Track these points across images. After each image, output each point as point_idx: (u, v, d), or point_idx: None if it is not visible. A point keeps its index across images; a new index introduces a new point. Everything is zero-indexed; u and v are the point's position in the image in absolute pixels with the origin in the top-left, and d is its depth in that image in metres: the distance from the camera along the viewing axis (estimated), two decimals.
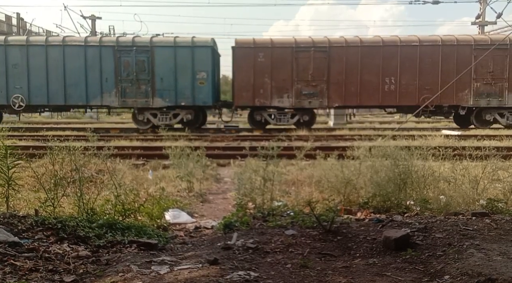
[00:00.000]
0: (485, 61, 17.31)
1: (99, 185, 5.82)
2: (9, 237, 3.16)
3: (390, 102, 18.00)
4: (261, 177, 5.38)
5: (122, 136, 14.83)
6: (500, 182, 5.45)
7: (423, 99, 17.14)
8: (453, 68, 17.30)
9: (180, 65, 17.53)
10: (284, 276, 2.72)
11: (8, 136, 10.02)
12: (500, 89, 17.59)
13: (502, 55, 17.41)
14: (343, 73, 17.52)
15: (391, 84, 17.55)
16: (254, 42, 17.85)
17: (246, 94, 17.66)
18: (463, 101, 17.68)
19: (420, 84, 17.47)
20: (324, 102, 17.79)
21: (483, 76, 17.54)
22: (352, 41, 17.76)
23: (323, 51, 17.52)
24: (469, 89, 17.56)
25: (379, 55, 17.43)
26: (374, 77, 17.47)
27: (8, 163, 3.98)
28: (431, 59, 17.42)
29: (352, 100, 17.86)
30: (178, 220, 5.00)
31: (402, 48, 17.47)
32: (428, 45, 17.53)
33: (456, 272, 2.63)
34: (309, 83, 17.62)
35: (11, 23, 30.89)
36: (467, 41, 17.59)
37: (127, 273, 2.70)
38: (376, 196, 5.10)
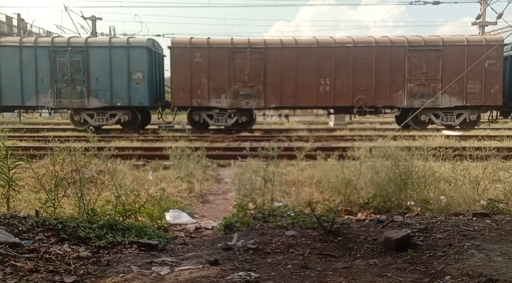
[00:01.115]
0: (418, 62, 17.54)
1: (100, 186, 5.82)
2: (9, 237, 3.16)
3: (326, 103, 18.13)
4: (262, 178, 5.38)
5: (122, 137, 14.85)
6: (501, 183, 5.45)
7: (357, 100, 17.47)
8: (387, 69, 17.49)
9: (115, 66, 17.55)
10: (284, 277, 2.71)
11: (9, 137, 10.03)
12: (434, 90, 17.67)
13: (436, 56, 17.52)
14: (279, 74, 17.59)
15: (326, 85, 17.64)
16: (190, 42, 17.86)
17: (184, 94, 17.68)
18: (397, 102, 17.80)
19: (355, 85, 17.58)
20: (261, 103, 17.83)
21: (417, 77, 17.65)
22: (288, 42, 17.86)
23: (259, 52, 17.59)
24: (403, 90, 17.68)
25: (314, 57, 17.51)
26: (309, 78, 17.56)
27: (8, 164, 3.99)
28: (365, 61, 17.52)
29: (289, 101, 17.93)
30: (178, 220, 5.00)
31: (336, 49, 17.56)
32: (363, 47, 17.62)
33: (456, 272, 2.63)
34: (246, 84, 17.69)
35: (12, 24, 30.92)
36: (400, 42, 17.68)
37: (127, 273, 2.69)
38: (376, 197, 5.10)
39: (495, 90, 17.53)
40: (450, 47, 17.55)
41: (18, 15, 30.40)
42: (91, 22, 29.34)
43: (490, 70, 17.49)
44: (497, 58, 17.53)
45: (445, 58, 17.46)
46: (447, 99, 17.67)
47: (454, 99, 17.68)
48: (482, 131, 16.86)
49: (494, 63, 17.51)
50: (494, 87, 17.51)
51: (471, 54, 17.29)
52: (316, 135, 15.11)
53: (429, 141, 9.67)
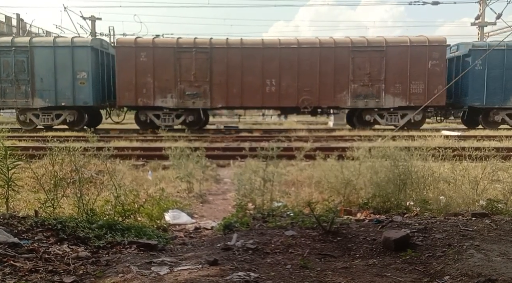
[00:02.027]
0: (362, 63, 17.65)
1: (99, 186, 5.81)
2: (9, 237, 3.15)
3: (272, 104, 18.23)
4: (261, 178, 5.38)
5: (122, 137, 14.84)
6: (500, 183, 5.45)
7: (302, 101, 17.60)
8: (332, 70, 17.60)
9: (60, 66, 17.62)
10: (284, 277, 2.71)
11: (8, 137, 10.02)
12: (378, 90, 17.78)
13: (379, 57, 17.62)
14: (225, 74, 17.67)
15: (272, 86, 17.75)
16: (135, 42, 17.95)
17: (129, 94, 17.70)
18: (341, 103, 17.93)
19: (300, 85, 17.68)
20: (208, 102, 17.89)
21: (361, 78, 17.75)
22: (233, 42, 17.95)
23: (204, 52, 17.66)
24: (347, 90, 17.78)
25: (259, 57, 17.60)
26: (255, 79, 17.65)
27: (8, 164, 3.98)
28: (310, 61, 17.63)
29: (235, 101, 18.01)
30: (178, 220, 5.00)
31: (282, 50, 17.66)
32: (307, 48, 17.71)
33: (456, 272, 2.63)
34: (192, 83, 17.75)
35: (11, 24, 30.90)
36: (344, 43, 17.78)
37: (127, 274, 2.69)
38: (376, 197, 5.10)
39: (439, 90, 17.61)
40: (393, 48, 17.68)
41: (17, 15, 30.45)
42: (91, 22, 29.36)
43: (433, 71, 17.61)
44: (440, 58, 17.66)
45: (388, 59, 17.60)
46: (391, 99, 17.80)
47: (398, 100, 17.80)
48: (482, 132, 16.88)
49: (437, 64, 17.62)
50: (437, 88, 17.62)
51: (414, 54, 17.51)
52: (315, 136, 15.11)
53: (428, 141, 9.68)
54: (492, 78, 17.80)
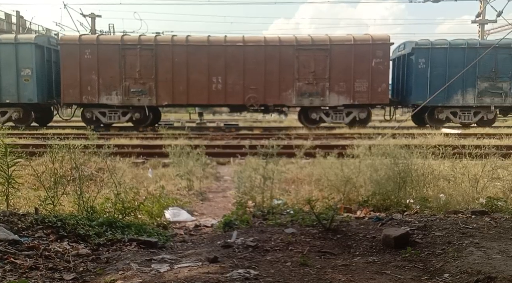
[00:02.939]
0: (307, 62, 17.64)
1: (99, 183, 5.82)
2: (9, 235, 3.16)
3: (218, 101, 18.20)
4: (261, 175, 5.38)
5: (122, 135, 14.83)
6: (500, 181, 5.45)
7: (248, 98, 17.61)
8: (277, 68, 17.60)
9: (4, 63, 17.59)
10: (284, 274, 2.72)
11: (8, 135, 10.02)
12: (322, 89, 17.78)
13: (323, 56, 17.61)
14: (171, 71, 17.63)
15: (218, 84, 17.72)
16: (80, 39, 17.91)
17: (73, 91, 17.65)
18: (287, 101, 17.92)
19: (246, 83, 17.68)
20: (153, 100, 17.84)
21: (306, 76, 17.73)
22: (179, 40, 17.92)
23: (149, 49, 17.60)
24: (292, 89, 17.77)
25: (205, 55, 17.57)
26: (201, 76, 17.62)
27: (8, 161, 3.98)
28: (256, 59, 17.61)
29: (181, 99, 17.98)
30: (178, 218, 5.01)
31: (227, 48, 17.64)
32: (253, 46, 17.71)
33: (455, 270, 2.64)
34: (137, 81, 17.69)
35: (11, 21, 30.84)
36: (289, 42, 17.77)
37: (127, 271, 2.70)
38: (375, 195, 5.10)
39: (382, 88, 17.72)
40: (337, 47, 17.67)
41: (17, 12, 30.35)
42: (91, 20, 29.30)
43: (377, 69, 17.61)
44: (383, 57, 17.67)
45: (332, 57, 17.59)
46: (335, 98, 17.80)
47: (342, 98, 17.80)
48: (482, 130, 16.87)
49: (381, 62, 17.63)
50: (381, 86, 17.70)
51: (358, 53, 17.53)
52: (315, 133, 15.11)
53: (428, 139, 9.69)
54: (435, 76, 17.86)
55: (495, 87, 17.94)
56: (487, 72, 17.78)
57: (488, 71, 17.79)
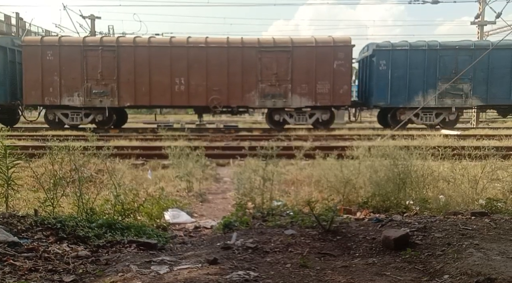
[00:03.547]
0: (269, 63, 17.77)
1: (99, 185, 5.82)
2: (8, 237, 3.15)
3: (181, 103, 18.32)
4: (261, 177, 5.38)
5: (121, 136, 14.83)
6: (500, 182, 5.46)
7: (211, 100, 17.70)
8: (240, 70, 17.71)
9: None
10: (283, 276, 2.72)
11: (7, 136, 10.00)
12: (285, 90, 17.87)
13: (286, 57, 17.73)
14: (133, 72, 17.71)
15: (181, 85, 17.80)
16: (41, 40, 17.99)
17: (36, 93, 17.70)
18: (250, 102, 18.02)
19: (209, 85, 17.78)
20: (115, 101, 17.92)
21: (268, 78, 17.82)
22: (141, 41, 18.03)
23: (111, 50, 17.68)
24: (255, 90, 17.86)
25: (168, 56, 17.65)
26: (164, 78, 17.70)
27: (7, 163, 3.98)
28: (219, 61, 17.71)
29: (144, 100, 18.05)
30: (177, 219, 5.00)
31: (190, 49, 17.72)
32: (215, 47, 17.80)
33: (455, 271, 2.63)
34: (99, 82, 17.77)
35: (10, 23, 30.85)
36: (252, 43, 17.89)
37: (126, 273, 2.69)
38: (375, 196, 5.10)
39: (344, 90, 17.82)
40: (299, 48, 17.78)
41: (17, 14, 30.36)
42: (90, 21, 29.33)
43: (339, 71, 17.73)
44: (345, 59, 17.79)
45: (295, 59, 17.70)
46: (298, 99, 17.89)
47: (304, 100, 17.90)
48: (481, 131, 16.89)
49: (343, 64, 17.75)
50: (343, 88, 17.80)
51: (320, 55, 17.65)
52: (315, 135, 15.12)
53: (428, 140, 9.69)
54: (396, 78, 17.98)
55: (456, 89, 18.06)
56: (448, 74, 17.86)
57: (449, 72, 17.87)
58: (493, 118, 27.35)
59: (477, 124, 21.73)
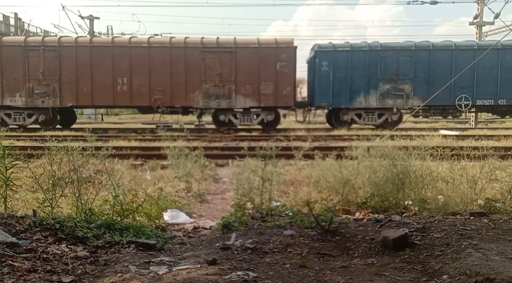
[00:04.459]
0: (213, 64, 17.82)
1: (98, 185, 5.81)
2: (7, 237, 3.15)
3: (124, 103, 18.37)
4: (260, 177, 5.38)
5: (120, 137, 14.82)
6: (498, 182, 5.47)
7: (154, 100, 17.72)
8: (183, 70, 17.75)
9: None
10: (282, 276, 2.72)
11: (6, 137, 9.99)
12: (229, 91, 17.94)
13: (229, 58, 17.79)
14: (74, 73, 17.74)
15: (123, 85, 17.83)
16: None
17: None
18: (194, 103, 18.06)
19: (152, 85, 17.80)
20: (57, 101, 17.94)
21: (212, 79, 17.87)
22: (82, 41, 18.12)
23: (53, 50, 17.70)
24: (199, 91, 17.93)
25: (110, 56, 17.68)
26: (106, 78, 17.73)
27: (6, 163, 3.97)
28: (162, 61, 17.73)
29: (86, 100, 18.09)
30: (176, 220, 5.00)
31: (132, 49, 17.76)
32: (158, 47, 17.83)
33: (454, 271, 2.64)
34: (41, 82, 17.79)
35: (9, 23, 30.80)
36: (195, 44, 17.94)
37: (125, 273, 2.69)
38: (374, 196, 5.11)
39: (287, 91, 17.86)
40: (242, 49, 17.84)
41: (15, 14, 30.30)
42: (89, 22, 29.31)
43: (282, 72, 17.81)
44: (288, 60, 17.82)
45: (238, 60, 17.77)
46: (242, 100, 17.97)
47: (249, 101, 17.96)
48: (480, 131, 16.92)
49: (286, 65, 17.80)
50: (286, 89, 17.85)
51: (263, 56, 17.74)
52: (314, 135, 15.12)
53: (427, 141, 9.70)
54: (338, 79, 18.03)
55: (397, 89, 18.14)
56: (389, 74, 17.95)
57: (390, 73, 17.96)
58: (491, 118, 27.39)
59: (475, 125, 21.75)
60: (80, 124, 22.51)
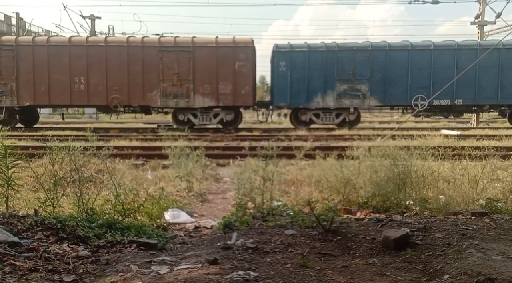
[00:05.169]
0: (171, 63, 17.77)
1: (99, 185, 5.82)
2: (8, 237, 3.15)
3: (81, 102, 18.36)
4: (261, 177, 5.38)
5: (121, 136, 14.84)
6: (500, 182, 5.46)
7: (112, 99, 17.68)
8: (141, 69, 17.73)
9: None
10: (283, 276, 2.72)
11: (8, 136, 10.01)
12: (187, 90, 17.91)
13: (187, 57, 17.75)
14: (31, 72, 17.71)
15: (81, 84, 17.82)
16: None
17: None
18: (152, 102, 18.02)
19: (109, 84, 17.78)
20: (14, 100, 17.93)
21: (170, 78, 17.83)
22: (39, 40, 18.12)
23: (10, 50, 17.71)
24: (157, 90, 17.88)
25: (67, 55, 17.66)
26: (63, 77, 17.71)
27: (7, 163, 3.98)
28: (119, 60, 17.72)
29: (43, 100, 18.06)
30: (177, 220, 5.00)
31: (89, 48, 17.73)
32: (115, 46, 17.80)
33: (455, 271, 2.63)
34: None
35: (11, 23, 30.85)
36: (152, 43, 17.95)
37: (127, 273, 2.70)
38: (375, 196, 5.11)
39: (246, 91, 17.85)
40: (200, 49, 17.82)
41: (17, 14, 30.34)
42: (90, 21, 29.34)
43: (240, 72, 17.80)
44: (246, 60, 17.81)
45: (196, 59, 17.75)
46: (200, 99, 17.95)
47: (207, 100, 17.94)
48: (481, 131, 16.89)
49: (244, 65, 17.79)
50: (245, 88, 17.84)
51: (222, 55, 17.72)
52: (315, 135, 15.11)
53: (428, 140, 9.69)
54: (296, 79, 18.01)
55: (354, 89, 18.11)
56: (346, 75, 17.93)
57: (346, 73, 17.94)
58: (493, 118, 27.36)
59: (477, 125, 21.73)
60: (82, 124, 22.53)
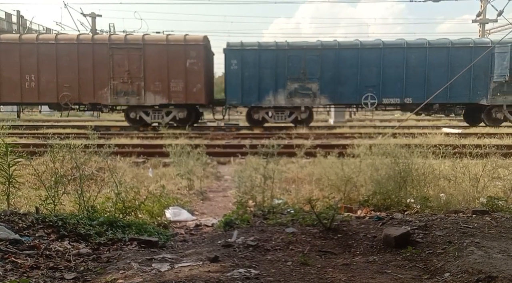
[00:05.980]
0: (121, 60, 17.68)
1: (100, 183, 5.83)
2: (10, 234, 3.16)
3: (32, 99, 18.23)
4: (261, 175, 5.38)
5: (122, 134, 14.85)
6: (501, 180, 5.45)
7: (62, 97, 17.60)
8: (91, 66, 17.66)
9: None
10: (284, 274, 2.72)
11: (9, 134, 10.03)
12: (138, 88, 17.83)
13: (138, 55, 17.67)
14: None
15: (31, 82, 17.72)
16: None
17: None
18: (103, 100, 17.93)
19: (59, 81, 17.67)
20: None
21: (121, 75, 17.72)
22: None
23: None
24: (108, 87, 17.79)
25: (17, 53, 17.57)
26: (14, 74, 17.63)
27: (8, 161, 3.98)
28: (69, 57, 17.60)
29: None
30: (178, 217, 5.01)
31: (39, 45, 17.65)
32: (65, 44, 17.72)
33: (456, 269, 2.64)
34: None
35: (11, 21, 30.84)
36: (102, 40, 17.85)
37: (127, 270, 2.70)
38: (376, 194, 5.10)
39: (197, 89, 17.79)
40: (151, 46, 17.74)
41: (18, 11, 30.32)
42: (91, 19, 29.32)
43: (192, 70, 17.72)
44: (197, 58, 17.73)
45: (147, 57, 17.66)
46: (152, 97, 17.86)
47: (159, 98, 17.85)
48: (482, 129, 16.87)
49: (195, 62, 17.71)
50: (196, 86, 17.79)
51: (173, 53, 17.63)
52: (316, 133, 15.11)
53: (429, 139, 9.68)
54: (248, 77, 17.97)
55: (304, 88, 18.08)
56: (297, 74, 17.89)
57: (297, 72, 17.90)
58: None
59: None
60: (83, 122, 22.55)
